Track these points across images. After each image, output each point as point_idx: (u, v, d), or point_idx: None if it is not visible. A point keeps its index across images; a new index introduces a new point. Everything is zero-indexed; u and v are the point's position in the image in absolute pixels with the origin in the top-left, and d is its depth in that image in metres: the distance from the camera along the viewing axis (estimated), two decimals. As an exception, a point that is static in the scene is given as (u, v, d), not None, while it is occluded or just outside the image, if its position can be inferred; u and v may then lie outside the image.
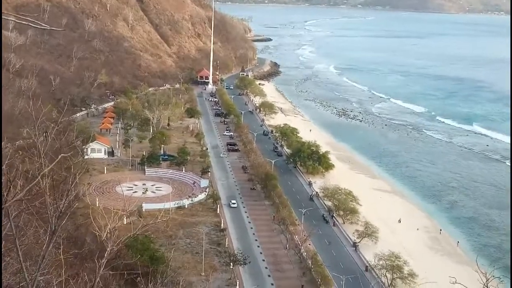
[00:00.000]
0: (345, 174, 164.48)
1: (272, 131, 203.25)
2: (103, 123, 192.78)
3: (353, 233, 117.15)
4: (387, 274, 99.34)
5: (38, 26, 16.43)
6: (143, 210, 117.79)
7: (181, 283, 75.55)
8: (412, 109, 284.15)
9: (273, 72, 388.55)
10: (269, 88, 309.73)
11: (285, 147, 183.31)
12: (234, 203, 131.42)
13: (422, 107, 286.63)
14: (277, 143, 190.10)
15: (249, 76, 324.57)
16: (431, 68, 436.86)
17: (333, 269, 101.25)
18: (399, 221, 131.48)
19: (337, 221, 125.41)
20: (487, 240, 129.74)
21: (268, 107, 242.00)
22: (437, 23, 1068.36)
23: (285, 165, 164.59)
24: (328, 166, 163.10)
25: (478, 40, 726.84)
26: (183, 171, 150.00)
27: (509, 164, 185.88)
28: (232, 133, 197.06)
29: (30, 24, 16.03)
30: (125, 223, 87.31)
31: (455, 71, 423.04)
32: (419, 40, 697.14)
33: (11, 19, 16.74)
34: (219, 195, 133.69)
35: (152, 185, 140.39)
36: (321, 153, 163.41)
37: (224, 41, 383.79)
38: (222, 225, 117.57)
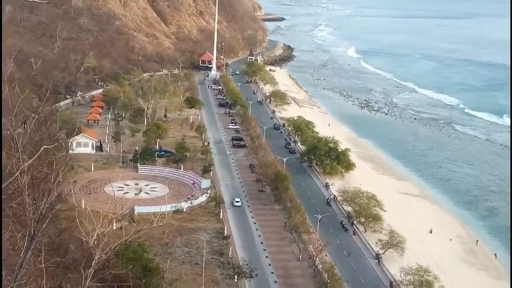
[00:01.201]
0: (367, 175, 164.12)
1: (284, 125, 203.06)
2: (90, 114, 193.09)
3: (376, 243, 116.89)
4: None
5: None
6: (135, 213, 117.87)
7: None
8: (444, 100, 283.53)
9: (286, 57, 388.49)
10: (281, 75, 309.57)
11: (299, 143, 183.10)
12: (238, 202, 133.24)
13: (455, 98, 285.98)
14: (289, 138, 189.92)
15: (259, 61, 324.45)
16: (465, 53, 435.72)
17: (352, 284, 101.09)
18: (430, 231, 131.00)
19: (357, 229, 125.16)
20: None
21: (280, 97, 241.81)
22: (472, 1, 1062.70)
23: (298, 164, 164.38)
24: (348, 166, 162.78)
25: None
26: (182, 170, 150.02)
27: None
28: (238, 127, 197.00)
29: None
30: (114, 228, 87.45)
31: (492, 56, 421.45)
32: (452, 21, 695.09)
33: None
34: (222, 197, 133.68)
35: (146, 185, 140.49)
36: (340, 150, 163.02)
37: (230, 20, 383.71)
38: (225, 232, 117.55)
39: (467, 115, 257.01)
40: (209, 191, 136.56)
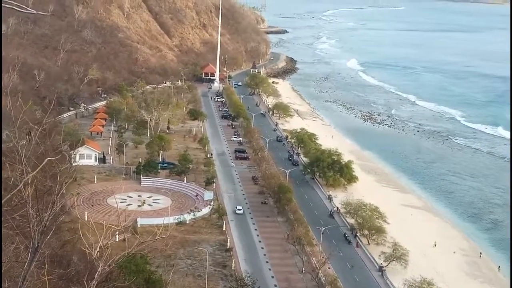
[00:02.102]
0: (370, 187, 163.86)
1: (287, 137, 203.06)
2: (93, 125, 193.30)
3: (379, 255, 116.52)
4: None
5: (23, 10, 16.35)
6: (138, 225, 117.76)
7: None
8: (447, 113, 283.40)
9: (289, 69, 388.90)
10: (284, 87, 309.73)
11: (301, 155, 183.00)
12: (240, 209, 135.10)
13: (458, 110, 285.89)
14: (292, 150, 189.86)
15: (261, 73, 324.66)
16: (468, 66, 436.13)
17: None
18: (434, 245, 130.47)
19: (360, 241, 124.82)
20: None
21: (283, 109, 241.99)
22: (476, 15, 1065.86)
23: (301, 176, 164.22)
24: (351, 178, 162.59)
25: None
26: (185, 182, 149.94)
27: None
28: (241, 139, 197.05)
29: (13, 7, 15.95)
30: (117, 240, 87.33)
31: (496, 69, 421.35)
32: (456, 34, 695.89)
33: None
34: (225, 209, 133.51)
35: (148, 197, 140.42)
36: (343, 162, 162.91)
37: (233, 33, 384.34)
38: (228, 244, 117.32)
39: (470, 128, 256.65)
40: (212, 203, 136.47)
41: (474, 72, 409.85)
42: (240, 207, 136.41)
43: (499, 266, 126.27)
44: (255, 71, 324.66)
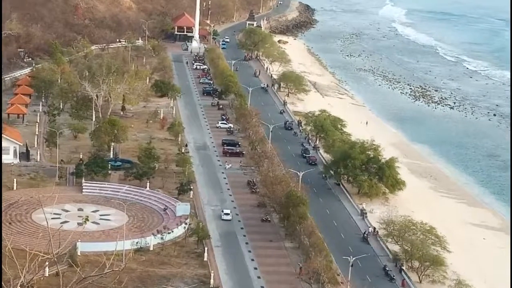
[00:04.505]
0: (423, 198, 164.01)
1: (300, 123, 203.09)
2: (12, 105, 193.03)
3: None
4: None
5: None
6: (78, 253, 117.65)
7: None
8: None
9: (303, 22, 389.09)
10: (296, 49, 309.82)
11: (321, 150, 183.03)
12: (227, 214, 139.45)
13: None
14: (308, 143, 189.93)
15: (263, 28, 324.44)
16: None
17: None
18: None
19: (408, 277, 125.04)
20: None
21: (295, 82, 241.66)
22: None
23: (321, 181, 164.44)
24: (396, 184, 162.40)
25: None
26: (147, 189, 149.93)
27: None
28: (231, 125, 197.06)
29: None
30: (47, 274, 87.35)
31: None
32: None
33: None
34: (207, 230, 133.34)
35: (94, 212, 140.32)
36: (383, 161, 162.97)
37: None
38: (212, 281, 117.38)
39: None
40: (187, 220, 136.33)
41: None
42: (228, 211, 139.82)
43: None
44: (253, 24, 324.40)
